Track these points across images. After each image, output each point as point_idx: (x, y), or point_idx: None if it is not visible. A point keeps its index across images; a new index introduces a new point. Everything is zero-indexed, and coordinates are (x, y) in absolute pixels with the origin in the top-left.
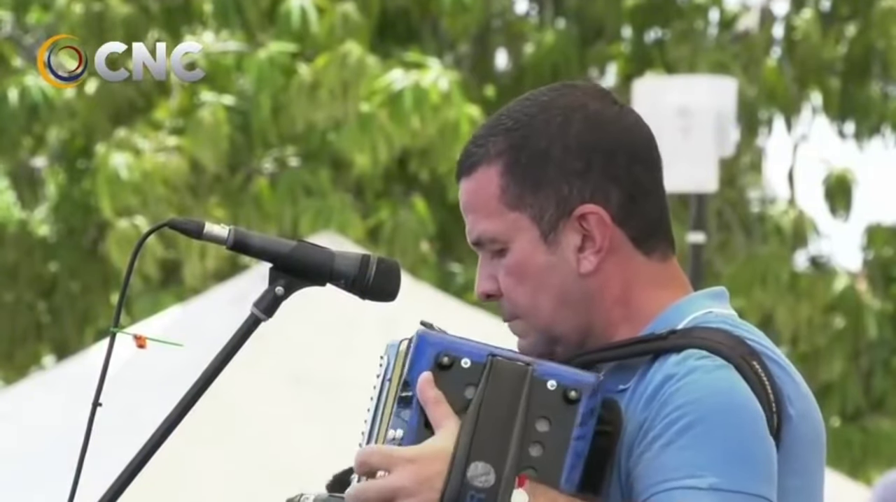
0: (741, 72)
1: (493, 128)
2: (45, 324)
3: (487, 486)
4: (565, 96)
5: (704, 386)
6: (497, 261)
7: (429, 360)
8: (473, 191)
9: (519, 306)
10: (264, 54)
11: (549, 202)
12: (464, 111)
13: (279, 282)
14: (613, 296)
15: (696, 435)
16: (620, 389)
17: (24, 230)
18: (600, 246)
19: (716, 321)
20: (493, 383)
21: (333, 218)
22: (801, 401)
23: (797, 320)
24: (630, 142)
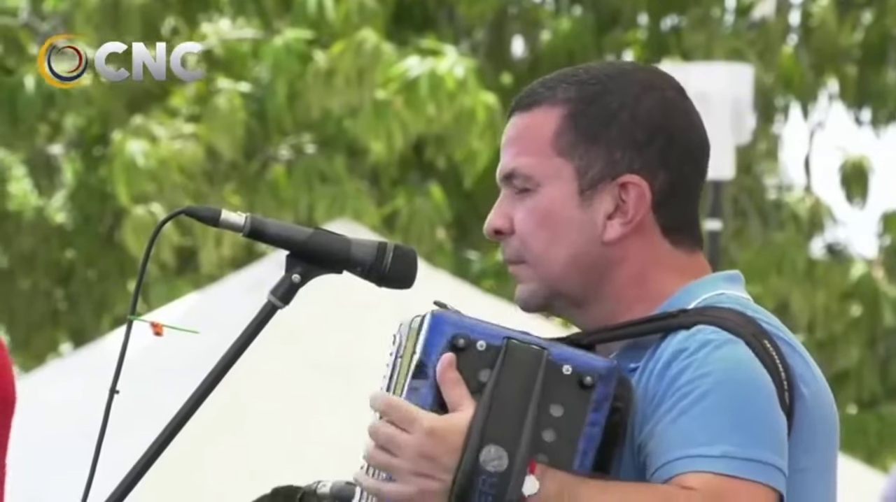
0: (757, 59)
1: (566, 77)
2: (62, 312)
3: (500, 470)
4: (647, 74)
5: (715, 358)
6: (519, 201)
7: (444, 341)
8: (526, 126)
9: (530, 251)
10: (280, 41)
11: (598, 160)
12: (480, 98)
13: (296, 270)
14: (630, 273)
15: (708, 406)
16: (632, 368)
17: (41, 217)
18: (631, 218)
19: (727, 302)
20: (509, 367)
21: (349, 205)
22: (813, 382)
23: (813, 307)
24: (689, 140)
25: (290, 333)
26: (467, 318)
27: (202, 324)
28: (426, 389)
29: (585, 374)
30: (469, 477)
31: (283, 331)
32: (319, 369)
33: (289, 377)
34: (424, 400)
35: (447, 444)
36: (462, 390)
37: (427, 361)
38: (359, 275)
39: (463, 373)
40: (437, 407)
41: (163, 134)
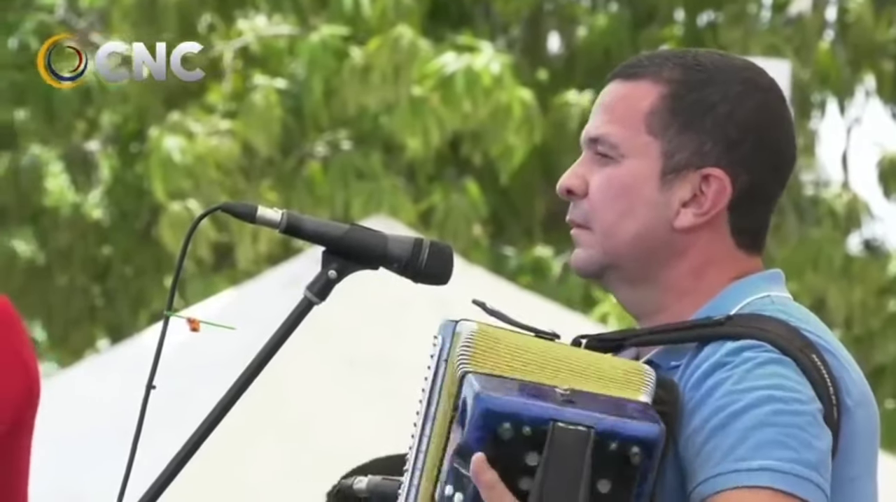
0: (794, 55)
1: (675, 57)
2: (99, 308)
3: None
4: (754, 73)
5: (755, 376)
6: (598, 166)
7: (483, 430)
8: (624, 95)
9: (600, 219)
10: (316, 38)
11: (687, 147)
12: (516, 94)
13: (332, 266)
14: (690, 265)
15: (746, 422)
16: (673, 365)
17: (78, 213)
18: (706, 211)
19: (772, 309)
20: (556, 452)
21: (385, 201)
22: (857, 391)
23: (850, 303)
24: (779, 148)
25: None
26: (510, 397)
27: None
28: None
29: (632, 447)
30: None
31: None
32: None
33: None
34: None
35: None
36: (499, 491)
37: (470, 445)
38: (395, 272)
39: (509, 457)
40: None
41: (199, 130)
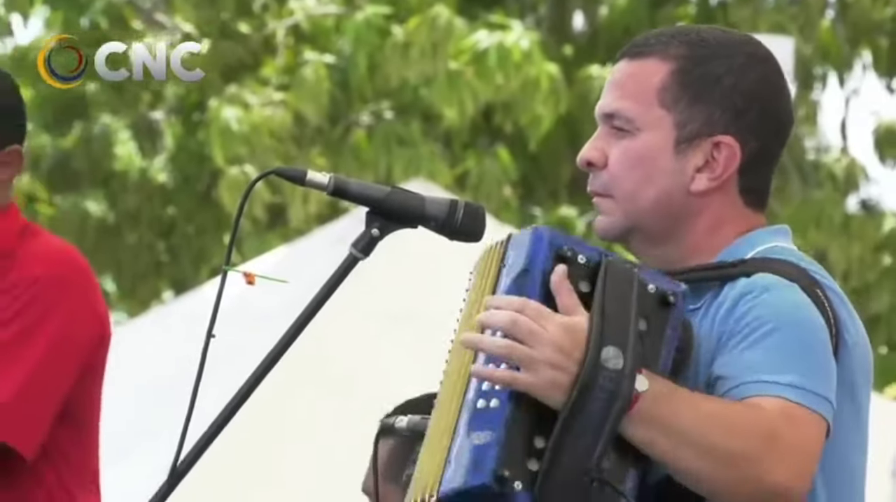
0: (798, 32)
1: (680, 35)
2: (165, 263)
3: (617, 368)
4: (754, 47)
5: (781, 299)
6: (615, 139)
7: (551, 252)
8: (634, 73)
9: (620, 187)
10: (361, 17)
11: (698, 118)
12: (543, 68)
13: (375, 225)
14: (706, 224)
15: (776, 340)
16: (692, 308)
17: (145, 177)
18: (719, 175)
19: (781, 253)
20: (610, 280)
21: (424, 166)
22: (854, 330)
23: (849, 258)
24: (780, 114)
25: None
26: (563, 234)
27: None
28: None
29: (668, 294)
30: (592, 371)
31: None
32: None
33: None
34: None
35: (577, 340)
36: (575, 299)
37: (531, 266)
38: (433, 230)
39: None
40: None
41: (255, 101)
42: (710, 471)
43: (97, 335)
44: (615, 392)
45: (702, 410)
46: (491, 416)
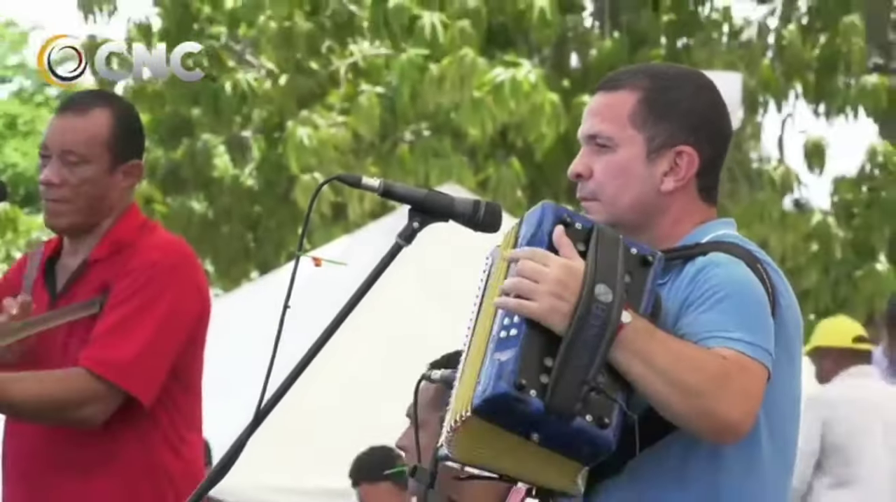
0: (745, 69)
1: (643, 71)
2: (252, 250)
3: (607, 301)
4: (702, 79)
5: (731, 272)
6: (598, 155)
7: (554, 218)
8: (609, 103)
9: (604, 193)
10: (405, 57)
11: (663, 133)
12: (547, 97)
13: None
14: (673, 216)
15: (727, 305)
16: (660, 283)
17: (237, 182)
18: (682, 176)
19: (729, 238)
20: (601, 240)
21: (454, 173)
22: (787, 296)
23: (784, 245)
24: (724, 129)
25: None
26: (565, 208)
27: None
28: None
29: (647, 255)
30: (587, 302)
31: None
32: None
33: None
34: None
35: (574, 277)
36: (573, 249)
37: (540, 231)
38: (460, 223)
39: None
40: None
41: (322, 123)
42: (673, 399)
43: (200, 310)
44: (605, 320)
45: (672, 348)
46: (511, 342)
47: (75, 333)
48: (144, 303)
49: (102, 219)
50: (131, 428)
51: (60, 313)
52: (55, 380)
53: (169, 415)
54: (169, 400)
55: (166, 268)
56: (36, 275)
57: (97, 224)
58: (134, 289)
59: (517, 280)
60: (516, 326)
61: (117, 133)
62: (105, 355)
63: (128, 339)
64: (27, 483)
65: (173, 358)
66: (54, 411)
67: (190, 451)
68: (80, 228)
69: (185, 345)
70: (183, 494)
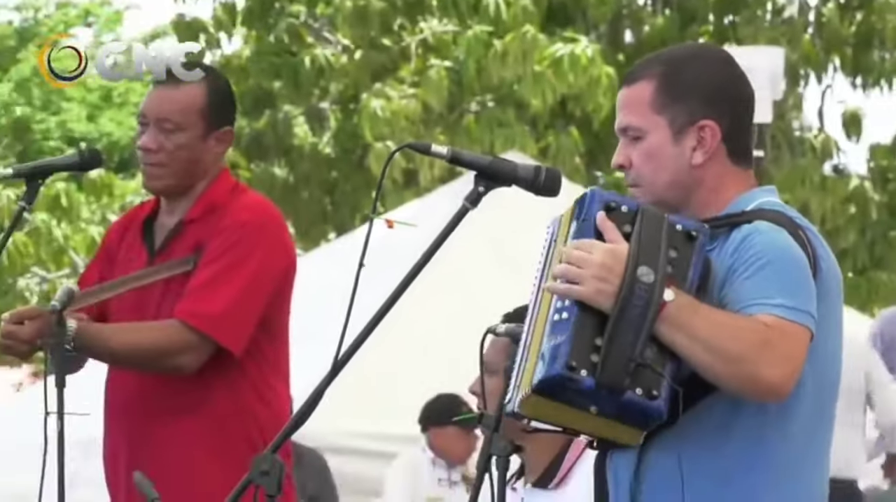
0: (787, 44)
1: (656, 59)
2: (329, 213)
3: (650, 282)
4: (709, 51)
5: (772, 240)
6: (632, 145)
7: (599, 204)
8: (631, 95)
9: (642, 178)
10: (471, 33)
11: (683, 114)
12: (603, 70)
13: (481, 184)
14: (709, 187)
15: (769, 271)
16: (709, 249)
17: (315, 150)
18: (709, 148)
19: (772, 205)
20: (645, 221)
21: (517, 141)
22: (827, 259)
23: (824, 208)
24: (741, 93)
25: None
26: (612, 192)
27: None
28: (588, 233)
29: (692, 230)
30: (630, 284)
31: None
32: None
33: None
34: (587, 237)
35: (618, 260)
36: (617, 233)
37: (588, 216)
38: (522, 188)
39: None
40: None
41: (394, 95)
42: (716, 367)
43: (287, 266)
44: (648, 300)
45: (714, 319)
46: (563, 325)
47: (171, 288)
48: (235, 261)
49: (196, 181)
50: (221, 376)
51: (157, 270)
52: (152, 331)
53: (257, 365)
54: (257, 351)
55: (255, 227)
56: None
57: (191, 186)
58: (225, 248)
59: (565, 267)
60: (568, 309)
61: (210, 102)
62: (198, 308)
63: (219, 294)
64: (126, 428)
65: (262, 311)
66: (151, 359)
67: (276, 398)
68: (176, 191)
69: (272, 299)
70: (270, 438)
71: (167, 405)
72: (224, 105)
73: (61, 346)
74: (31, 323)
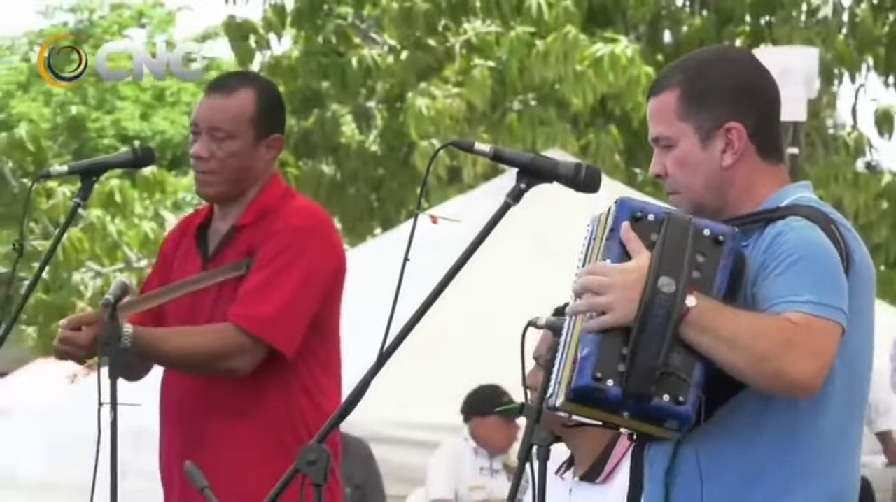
0: (821, 44)
1: (678, 68)
2: (375, 209)
3: (671, 292)
4: (728, 53)
5: (804, 237)
6: (666, 153)
7: (626, 214)
8: (657, 107)
9: (679, 184)
10: (514, 34)
11: (708, 119)
12: (643, 69)
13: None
14: (742, 186)
15: (800, 268)
16: (744, 244)
17: (362, 147)
18: (738, 149)
19: (806, 201)
20: (670, 229)
21: (558, 139)
22: (860, 253)
23: (857, 204)
24: (764, 89)
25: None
26: (641, 201)
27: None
28: (615, 245)
29: (719, 235)
30: (651, 296)
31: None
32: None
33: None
34: (613, 251)
35: (635, 275)
36: (639, 243)
37: (616, 227)
38: (564, 184)
39: (640, 234)
40: (624, 256)
41: (439, 94)
42: (742, 366)
43: (336, 268)
44: (669, 309)
45: (738, 321)
46: (591, 338)
47: (224, 292)
48: (286, 264)
49: (248, 188)
50: (274, 378)
51: (211, 274)
52: (207, 335)
53: (308, 366)
54: (309, 352)
55: (306, 231)
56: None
57: (243, 192)
58: (277, 252)
59: (587, 304)
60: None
61: (260, 110)
62: (251, 311)
63: (271, 297)
64: (182, 427)
65: (313, 313)
66: (205, 362)
67: (326, 400)
68: (228, 197)
69: (323, 301)
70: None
71: (221, 405)
72: (274, 112)
73: (114, 340)
74: (88, 328)
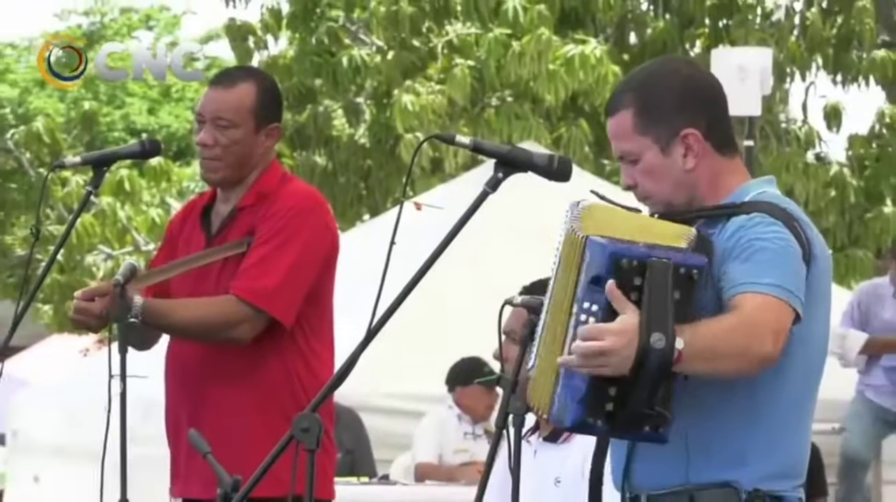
0: (775, 44)
1: (627, 86)
2: (364, 197)
3: (661, 346)
4: (669, 65)
5: (765, 229)
6: (633, 167)
7: (611, 261)
8: (616, 124)
9: (649, 192)
10: (492, 35)
11: (664, 130)
12: (610, 68)
13: (500, 170)
14: (706, 182)
15: (761, 256)
16: (710, 232)
17: (352, 140)
18: (697, 152)
19: (768, 198)
20: (652, 278)
21: (532, 132)
22: (819, 246)
23: (808, 192)
24: (709, 90)
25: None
26: (616, 242)
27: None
28: (601, 298)
29: (693, 270)
30: (644, 352)
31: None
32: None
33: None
34: (602, 303)
35: (630, 334)
36: (625, 302)
37: (601, 275)
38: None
39: (621, 280)
40: (609, 310)
41: (423, 91)
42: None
43: (330, 245)
44: (663, 362)
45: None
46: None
47: (227, 268)
48: (284, 241)
49: (249, 172)
50: (273, 345)
51: (214, 251)
52: (211, 306)
53: (304, 334)
54: (304, 321)
55: (302, 211)
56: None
57: (244, 177)
58: (275, 230)
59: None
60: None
61: (260, 101)
62: (252, 284)
63: (271, 271)
64: (186, 391)
65: (309, 286)
66: (210, 331)
67: (321, 365)
68: (230, 181)
69: (318, 275)
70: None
71: (223, 372)
72: (272, 104)
73: (124, 316)
74: (101, 299)
